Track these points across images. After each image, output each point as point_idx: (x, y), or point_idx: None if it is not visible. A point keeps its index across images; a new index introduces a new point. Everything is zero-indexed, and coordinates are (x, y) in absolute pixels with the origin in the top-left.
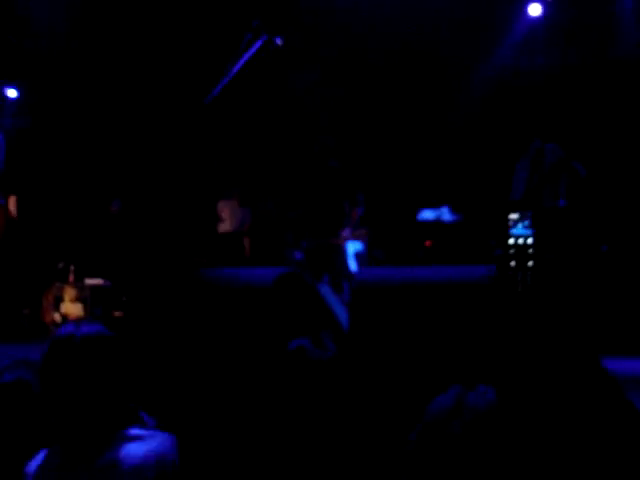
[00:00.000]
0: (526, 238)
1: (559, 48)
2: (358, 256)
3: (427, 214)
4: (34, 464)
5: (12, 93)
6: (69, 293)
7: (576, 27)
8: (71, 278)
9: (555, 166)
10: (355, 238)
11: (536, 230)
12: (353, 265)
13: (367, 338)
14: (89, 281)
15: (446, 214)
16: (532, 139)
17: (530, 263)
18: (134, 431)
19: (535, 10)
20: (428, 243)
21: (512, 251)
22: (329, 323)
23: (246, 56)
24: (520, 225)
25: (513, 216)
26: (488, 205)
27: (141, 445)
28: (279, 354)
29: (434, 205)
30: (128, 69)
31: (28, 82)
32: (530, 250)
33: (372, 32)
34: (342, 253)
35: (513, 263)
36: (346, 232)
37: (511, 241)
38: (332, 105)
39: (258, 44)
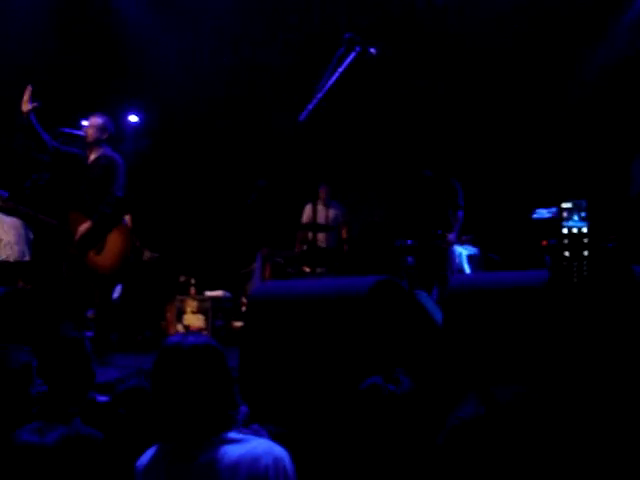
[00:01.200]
0: (580, 228)
1: None
2: (472, 259)
3: (542, 213)
4: (143, 460)
5: (134, 118)
6: (190, 305)
7: None
8: (192, 291)
9: None
10: (461, 243)
11: (592, 220)
12: (467, 268)
13: (459, 343)
14: (209, 293)
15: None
16: None
17: (586, 253)
18: (232, 434)
19: None
20: (544, 243)
21: (566, 241)
22: (428, 330)
23: (340, 69)
24: (575, 215)
25: (566, 205)
26: (608, 203)
27: (237, 447)
28: (352, 393)
29: (550, 204)
30: (237, 88)
31: (150, 107)
32: (586, 239)
33: (477, 29)
34: (448, 257)
35: (567, 253)
36: (452, 236)
37: (565, 230)
38: (436, 111)
39: (351, 56)
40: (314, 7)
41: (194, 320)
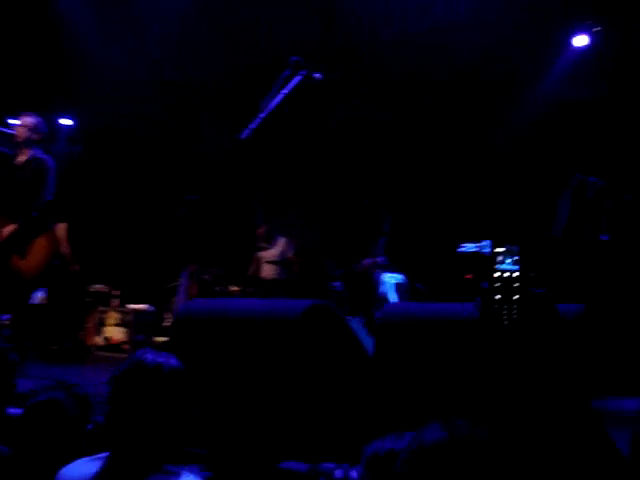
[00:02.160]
0: (512, 272)
1: (604, 80)
2: (399, 287)
3: (468, 247)
4: (67, 474)
5: (66, 122)
6: (112, 317)
7: (621, 59)
8: (115, 303)
9: (595, 200)
10: (376, 268)
11: (523, 264)
12: (394, 296)
13: (390, 372)
14: (132, 306)
15: (487, 247)
16: (573, 173)
17: (516, 297)
18: (170, 467)
19: (581, 41)
20: (469, 276)
21: (498, 284)
22: (358, 357)
23: (284, 92)
24: (507, 259)
25: (499, 249)
26: (529, 238)
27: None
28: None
29: (476, 239)
30: (174, 103)
31: (82, 112)
32: (516, 284)
33: (413, 64)
34: (374, 282)
35: (498, 296)
36: (367, 261)
37: (496, 274)
38: (369, 139)
39: (297, 80)
40: (259, 29)
41: (115, 333)
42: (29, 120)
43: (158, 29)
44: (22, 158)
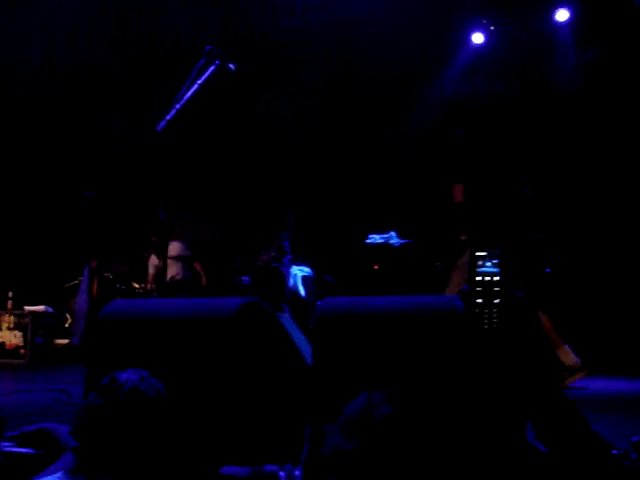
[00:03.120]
0: (493, 275)
1: (501, 77)
2: (306, 280)
3: (375, 238)
4: None
5: None
6: (7, 321)
7: (517, 57)
8: (9, 305)
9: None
10: (278, 261)
11: (503, 267)
12: (302, 290)
13: (331, 370)
14: (29, 308)
15: (394, 238)
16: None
17: (497, 300)
18: None
19: (478, 38)
20: (376, 266)
21: (479, 288)
22: (290, 355)
23: (199, 82)
24: (488, 262)
25: (480, 253)
26: (433, 230)
27: None
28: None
29: (382, 230)
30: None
31: None
32: (497, 287)
33: (320, 59)
34: (280, 276)
35: (480, 300)
36: (267, 254)
37: (478, 278)
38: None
39: (211, 69)
40: (158, 15)
41: (10, 337)
42: None
43: (51, 14)
44: None
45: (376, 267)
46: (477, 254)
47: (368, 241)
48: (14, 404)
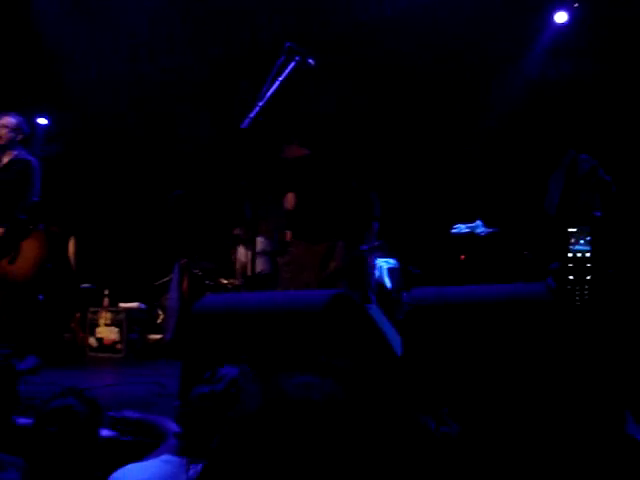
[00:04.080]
0: (585, 252)
1: (587, 56)
2: (392, 272)
3: (461, 228)
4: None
5: (43, 121)
6: (104, 317)
7: (604, 34)
8: (105, 302)
9: (588, 176)
10: (372, 252)
11: (594, 244)
12: (388, 282)
13: (421, 360)
14: (124, 305)
15: (480, 227)
16: (565, 150)
17: (589, 277)
18: None
19: (561, 17)
20: (462, 257)
21: (570, 265)
22: (380, 346)
23: (280, 79)
24: (580, 240)
25: (572, 230)
26: (522, 217)
27: None
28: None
29: (468, 220)
30: (153, 97)
31: (59, 110)
32: (589, 264)
33: (398, 43)
34: (370, 268)
35: (571, 277)
36: (364, 247)
37: (570, 255)
38: (357, 119)
39: (291, 66)
40: (237, 17)
41: (108, 333)
42: (10, 120)
43: (130, 23)
44: (5, 159)
45: (462, 257)
46: (569, 230)
47: (454, 231)
48: (112, 396)
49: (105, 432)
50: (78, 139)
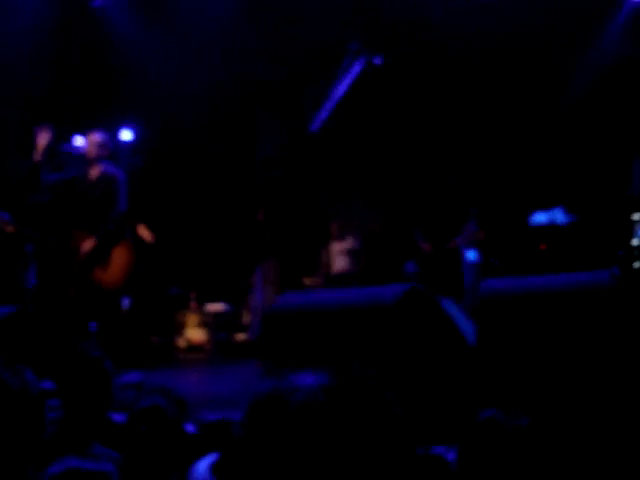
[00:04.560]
0: None
1: None
2: (472, 266)
3: (540, 217)
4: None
5: (127, 135)
6: (192, 319)
7: None
8: (193, 304)
9: None
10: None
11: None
12: (469, 274)
13: (496, 351)
14: (211, 306)
15: (560, 215)
16: None
17: None
18: None
19: None
20: (543, 247)
21: (637, 252)
22: (452, 337)
23: (347, 79)
24: None
25: (636, 216)
26: (605, 203)
27: None
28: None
29: (547, 207)
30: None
31: (142, 124)
32: None
33: (464, 34)
34: (459, 261)
35: (638, 264)
36: (459, 240)
37: (635, 242)
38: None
39: (358, 66)
40: (308, 20)
41: (196, 334)
42: (96, 137)
43: (205, 34)
44: (94, 174)
45: (543, 247)
46: (634, 218)
47: (533, 221)
48: (202, 393)
49: (190, 427)
50: (161, 150)
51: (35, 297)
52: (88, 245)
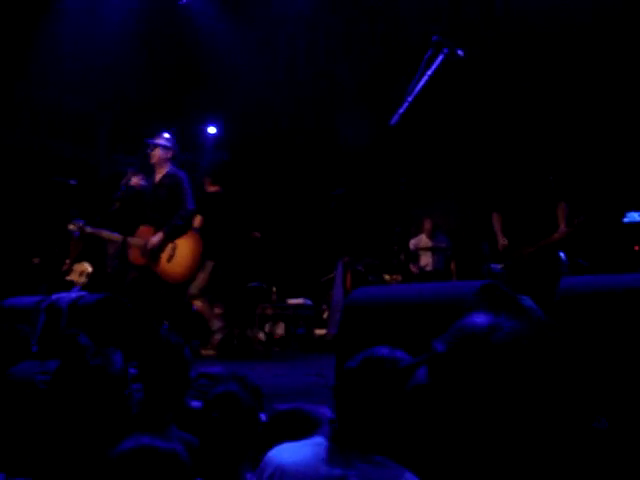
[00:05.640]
0: None
1: None
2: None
3: (635, 216)
4: (281, 458)
5: (212, 130)
6: (272, 313)
7: None
8: (273, 298)
9: None
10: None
11: None
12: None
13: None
14: (290, 301)
15: None
16: None
17: None
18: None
19: None
20: (637, 247)
21: None
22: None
23: (429, 73)
24: None
25: None
26: None
27: None
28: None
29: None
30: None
31: (228, 120)
32: None
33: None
34: (557, 262)
35: None
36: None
37: None
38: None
39: (440, 59)
40: (388, 17)
41: (276, 328)
42: (162, 140)
43: (288, 30)
44: (159, 176)
45: (637, 248)
46: None
47: (626, 220)
48: (278, 385)
49: (264, 416)
50: (245, 146)
51: (116, 286)
52: (156, 239)
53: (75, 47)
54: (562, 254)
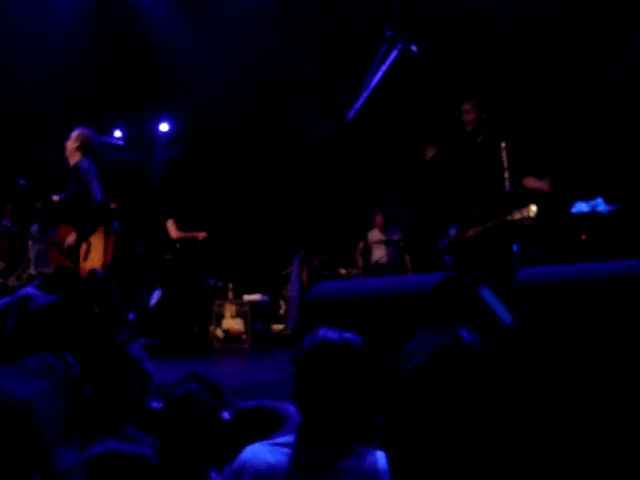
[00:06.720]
0: None
1: None
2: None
3: (581, 206)
4: (251, 459)
5: (165, 127)
6: (229, 309)
7: None
8: (230, 295)
9: None
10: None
11: None
12: None
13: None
14: (247, 297)
15: (601, 205)
16: None
17: None
18: (359, 448)
19: None
20: (584, 237)
21: None
22: (489, 326)
23: (383, 68)
24: None
25: None
26: None
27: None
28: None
29: (588, 197)
30: (266, 96)
31: (180, 116)
32: None
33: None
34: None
35: None
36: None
37: None
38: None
39: (394, 54)
40: (339, 11)
41: (233, 324)
42: (74, 133)
43: (241, 27)
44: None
45: (584, 237)
46: None
47: (574, 210)
48: (238, 382)
49: (226, 415)
50: (197, 142)
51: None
52: (71, 239)
53: (23, 44)
54: (514, 245)
